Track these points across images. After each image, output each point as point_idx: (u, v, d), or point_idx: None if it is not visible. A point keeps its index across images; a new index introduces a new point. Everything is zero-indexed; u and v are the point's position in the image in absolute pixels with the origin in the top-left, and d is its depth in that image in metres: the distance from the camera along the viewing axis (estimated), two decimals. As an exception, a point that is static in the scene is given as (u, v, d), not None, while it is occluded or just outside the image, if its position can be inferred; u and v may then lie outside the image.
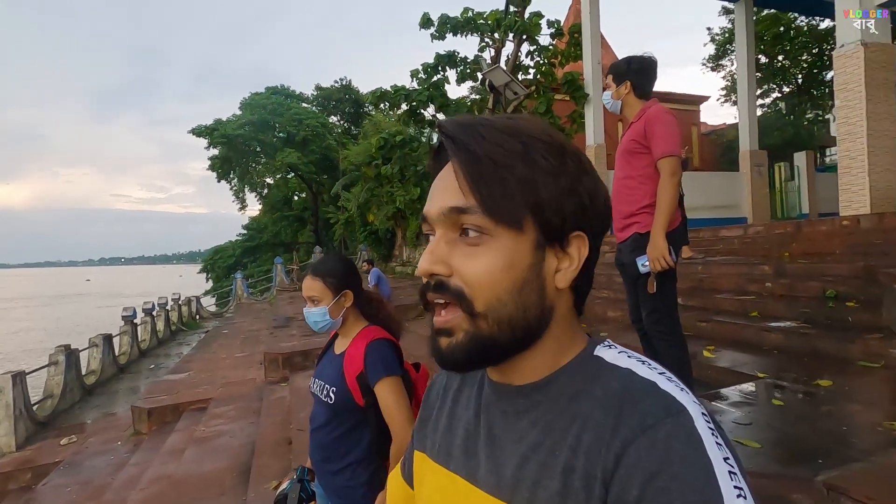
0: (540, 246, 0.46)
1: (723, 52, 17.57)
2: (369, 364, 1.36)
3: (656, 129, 2.11)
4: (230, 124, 25.61)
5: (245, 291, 18.74)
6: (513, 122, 0.48)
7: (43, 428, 6.33)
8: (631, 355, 0.47)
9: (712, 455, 0.38)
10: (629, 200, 2.22)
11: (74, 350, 7.51)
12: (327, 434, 1.41)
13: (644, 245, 2.11)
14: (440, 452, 0.55)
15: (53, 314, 33.91)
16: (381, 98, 10.44)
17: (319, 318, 1.43)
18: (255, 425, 4.45)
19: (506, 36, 9.82)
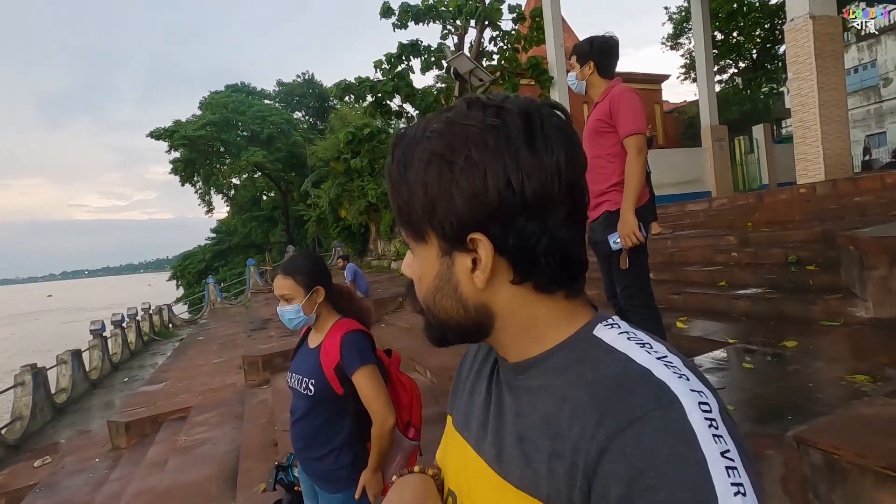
0: (446, 252, 0.47)
1: (680, 30, 17.91)
2: (345, 355, 1.41)
3: (621, 107, 2.14)
4: (190, 125, 24.78)
5: (218, 296, 18.32)
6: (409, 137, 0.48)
7: (14, 451, 6.09)
8: (631, 337, 0.45)
9: (706, 449, 0.36)
10: (598, 179, 2.25)
11: (41, 369, 7.22)
12: (308, 424, 1.46)
13: (615, 223, 2.15)
14: (460, 420, 0.58)
15: (15, 334, 32.44)
16: (346, 91, 10.28)
17: (294, 315, 1.46)
18: (238, 430, 4.39)
19: (468, 23, 9.78)
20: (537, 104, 0.47)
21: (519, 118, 0.44)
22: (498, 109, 0.45)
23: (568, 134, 0.46)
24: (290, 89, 31.64)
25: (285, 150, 26.28)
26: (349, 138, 12.12)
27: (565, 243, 0.46)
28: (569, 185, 0.45)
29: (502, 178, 0.43)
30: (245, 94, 27.82)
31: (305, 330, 1.59)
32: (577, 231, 0.47)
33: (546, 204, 0.44)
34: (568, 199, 0.45)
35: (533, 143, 0.44)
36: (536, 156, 0.44)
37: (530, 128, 0.44)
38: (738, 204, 5.74)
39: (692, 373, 0.42)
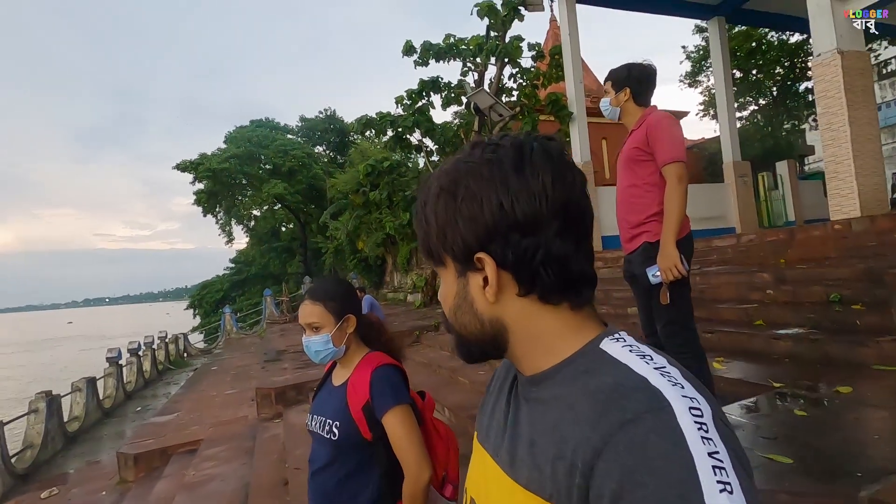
0: (461, 273, 0.54)
1: (699, 68, 18.09)
2: (376, 392, 1.24)
3: (659, 134, 2.04)
4: (215, 158, 25.54)
5: (234, 326, 18.35)
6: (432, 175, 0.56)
7: (23, 481, 5.98)
8: (634, 349, 0.49)
9: (694, 449, 0.38)
10: (635, 209, 2.15)
11: (56, 396, 7.18)
12: (331, 476, 1.26)
13: (654, 255, 2.02)
14: (482, 433, 0.62)
15: (34, 360, 32.81)
16: (367, 125, 10.48)
17: (322, 346, 1.30)
18: (248, 466, 4.22)
19: (488, 60, 9.97)
20: (531, 137, 0.53)
21: (511, 150, 0.51)
22: (495, 147, 0.53)
23: (556, 159, 0.52)
24: (313, 125, 32.57)
25: (305, 182, 26.81)
26: (368, 170, 12.29)
27: (562, 256, 0.50)
28: (558, 203, 0.50)
29: (495, 203, 0.50)
30: (269, 129, 28.70)
31: (330, 366, 1.43)
32: (576, 245, 0.51)
33: (536, 221, 0.49)
34: (559, 215, 0.50)
35: (521, 169, 0.50)
36: (523, 180, 0.50)
37: (520, 157, 0.51)
38: (769, 240, 5.54)
39: (689, 382, 0.45)
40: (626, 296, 5.24)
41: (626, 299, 5.17)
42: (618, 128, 12.56)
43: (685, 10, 10.63)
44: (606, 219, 9.97)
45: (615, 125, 11.80)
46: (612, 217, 9.01)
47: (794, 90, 17.01)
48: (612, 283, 6.11)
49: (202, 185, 26.04)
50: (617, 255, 8.08)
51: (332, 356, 1.32)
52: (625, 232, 2.22)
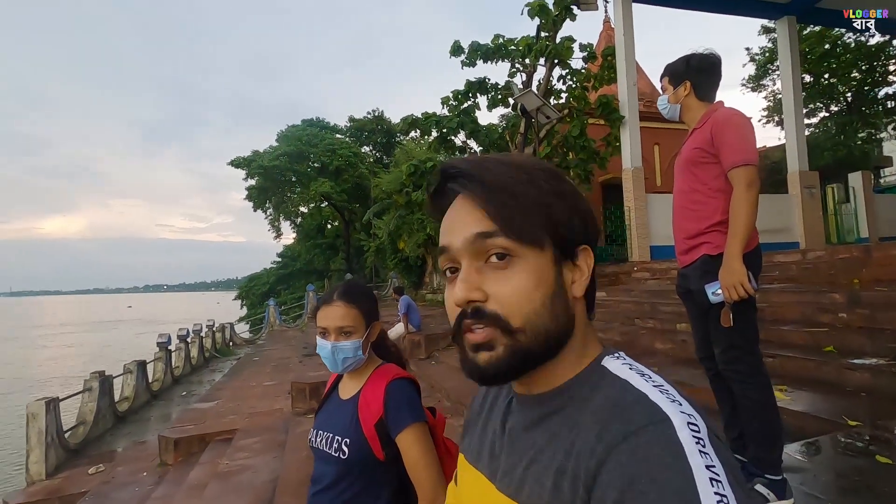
0: (557, 261, 0.51)
1: (764, 71, 17.05)
2: (391, 408, 1.14)
3: (727, 133, 1.80)
4: (267, 155, 26.47)
5: (278, 318, 18.89)
6: (507, 157, 0.54)
7: (74, 455, 6.31)
8: (633, 367, 0.50)
9: (693, 462, 0.39)
10: (694, 217, 1.91)
11: (108, 376, 7.56)
12: (338, 496, 1.16)
13: (715, 269, 1.80)
14: (473, 453, 0.62)
15: (94, 340, 35.10)
16: (412, 125, 10.48)
17: (352, 353, 1.19)
18: (279, 460, 4.24)
19: (537, 60, 9.75)
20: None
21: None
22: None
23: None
24: (361, 125, 33.20)
25: (351, 181, 27.33)
26: (412, 171, 12.28)
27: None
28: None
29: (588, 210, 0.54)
30: (318, 128, 29.45)
31: (334, 378, 1.33)
32: None
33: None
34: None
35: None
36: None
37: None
38: (840, 257, 5.07)
39: (685, 400, 0.46)
40: (675, 310, 4.92)
41: (674, 314, 4.85)
42: (671, 133, 12.13)
43: (752, 10, 10.01)
44: (656, 227, 9.52)
45: (669, 130, 11.39)
46: (662, 226, 8.58)
47: (872, 96, 15.70)
48: (659, 297, 5.77)
49: (254, 181, 27.06)
50: (666, 265, 7.67)
51: (355, 365, 1.22)
52: (681, 242, 1.99)
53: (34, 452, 5.75)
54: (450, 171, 0.54)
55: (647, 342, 4.39)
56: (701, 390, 2.93)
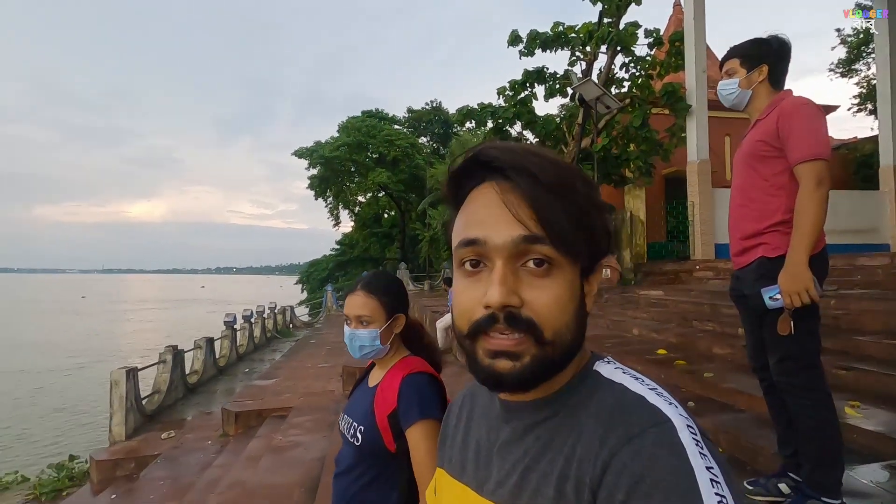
0: (583, 274, 0.50)
1: (856, 55, 15.47)
2: (403, 402, 1.15)
3: (795, 124, 1.65)
4: (328, 146, 27.37)
5: (335, 303, 19.62)
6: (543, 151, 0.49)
7: (149, 420, 6.91)
8: (626, 371, 0.50)
9: (695, 463, 0.40)
10: (751, 216, 1.78)
11: (180, 351, 8.19)
12: (353, 481, 1.20)
13: (773, 272, 1.66)
14: (455, 467, 0.60)
15: (170, 317, 38.09)
16: (468, 116, 10.44)
17: (368, 342, 1.23)
18: (328, 440, 4.44)
19: (598, 48, 9.39)
20: None
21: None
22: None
23: None
24: (418, 116, 33.54)
25: (408, 172, 27.73)
26: (467, 163, 12.28)
27: None
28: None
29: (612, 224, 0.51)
30: (377, 119, 30.06)
31: (371, 364, 1.37)
32: None
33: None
34: None
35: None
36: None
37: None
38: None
39: (679, 404, 0.46)
40: (737, 313, 4.63)
41: (737, 317, 4.54)
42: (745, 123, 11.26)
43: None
44: (723, 224, 8.95)
45: (742, 120, 10.64)
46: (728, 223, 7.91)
47: None
48: (721, 298, 5.44)
49: (315, 170, 28.10)
50: (731, 265, 7.22)
51: (374, 354, 1.26)
52: (736, 243, 1.85)
53: (116, 415, 6.36)
54: (485, 157, 0.49)
55: (704, 346, 4.16)
56: (763, 400, 2.75)
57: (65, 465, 6.00)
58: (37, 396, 12.37)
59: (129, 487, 4.93)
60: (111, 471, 5.45)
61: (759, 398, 2.75)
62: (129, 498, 4.65)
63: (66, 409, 11.16)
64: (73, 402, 11.71)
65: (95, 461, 5.46)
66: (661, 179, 12.15)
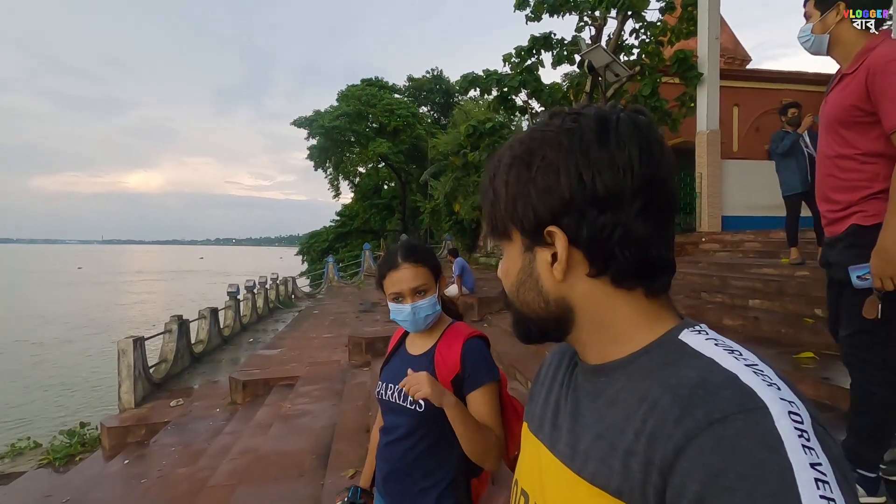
0: (528, 248, 0.51)
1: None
2: (470, 366, 1.17)
3: (888, 81, 1.38)
4: (327, 115, 26.88)
5: (336, 275, 19.66)
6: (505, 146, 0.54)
7: (157, 389, 6.99)
8: (719, 342, 0.45)
9: (794, 458, 0.35)
10: (842, 186, 1.58)
11: (186, 321, 8.22)
12: (411, 448, 1.20)
13: (864, 243, 1.46)
14: (535, 422, 0.60)
15: (169, 288, 38.24)
16: (472, 83, 10.17)
17: (431, 310, 1.22)
18: (336, 408, 4.49)
19: (608, 12, 9.08)
20: (617, 108, 0.49)
21: (594, 120, 0.48)
22: (576, 115, 0.49)
23: (644, 131, 0.48)
24: (419, 84, 32.81)
25: (409, 142, 27.33)
26: (469, 131, 12.06)
27: (641, 238, 0.47)
28: (643, 180, 0.46)
29: (574, 174, 0.47)
30: (377, 88, 29.41)
31: (400, 334, 1.35)
32: (657, 228, 0.48)
33: (618, 197, 0.46)
34: (642, 193, 0.46)
35: (605, 140, 0.46)
36: (607, 152, 0.46)
37: (605, 128, 0.47)
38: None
39: (785, 383, 0.41)
40: (748, 285, 4.61)
41: (746, 289, 4.55)
42: (754, 93, 11.09)
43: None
44: (731, 196, 8.88)
45: (752, 90, 10.39)
46: (737, 195, 7.97)
47: None
48: (730, 270, 5.43)
49: (315, 141, 27.69)
50: (739, 237, 7.17)
51: (434, 319, 1.25)
52: (826, 213, 1.66)
53: (125, 384, 6.43)
54: None
55: (714, 318, 4.16)
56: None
57: (76, 431, 6.09)
58: (39, 367, 12.51)
59: (140, 453, 5.02)
60: (122, 437, 5.54)
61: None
62: (141, 463, 4.74)
63: (70, 380, 11.30)
64: (76, 372, 11.85)
65: (106, 428, 5.55)
66: (668, 150, 11.98)
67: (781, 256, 5.20)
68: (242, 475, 3.42)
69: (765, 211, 8.40)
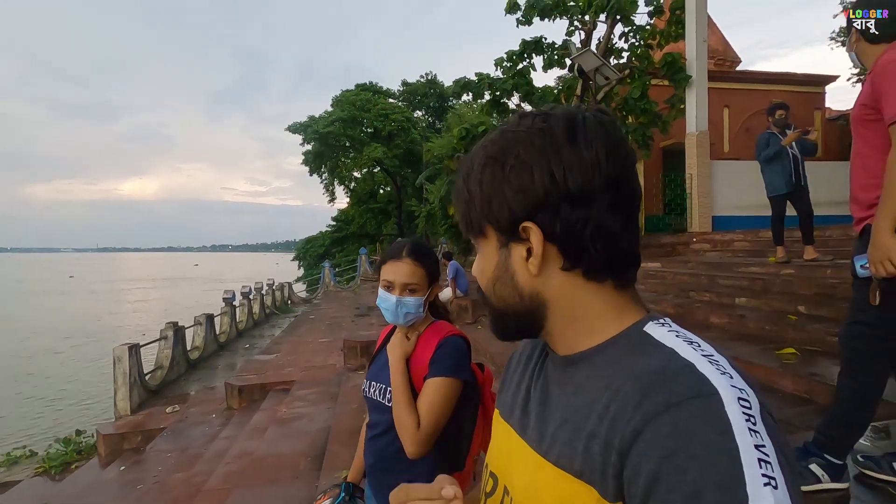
0: (503, 245, 0.53)
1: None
2: (437, 358, 1.19)
3: (885, 80, 1.53)
4: (322, 121, 26.92)
5: (332, 279, 19.67)
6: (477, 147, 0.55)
7: (153, 396, 7.00)
8: (679, 334, 0.48)
9: (740, 439, 0.37)
10: (864, 185, 1.66)
11: (181, 327, 8.23)
12: (391, 443, 1.23)
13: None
14: (506, 409, 0.63)
15: (164, 296, 37.99)
16: (465, 88, 10.28)
17: (414, 309, 1.24)
18: (331, 411, 4.53)
19: (597, 17, 9.20)
20: (583, 109, 0.52)
21: (563, 120, 0.50)
22: (545, 116, 0.51)
23: (610, 132, 0.50)
24: (413, 89, 32.92)
25: (404, 147, 27.39)
26: (463, 135, 12.13)
27: (611, 233, 0.49)
28: (609, 178, 0.49)
29: (546, 172, 0.49)
30: (372, 93, 29.49)
31: (386, 332, 1.40)
32: (625, 222, 0.50)
33: (588, 194, 0.48)
34: (610, 190, 0.49)
35: (574, 140, 0.49)
36: (577, 151, 0.49)
37: (573, 127, 0.49)
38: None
39: (737, 373, 0.43)
40: (735, 284, 4.69)
41: (733, 287, 4.62)
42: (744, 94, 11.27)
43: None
44: (721, 197, 8.98)
45: (741, 91, 10.56)
46: (728, 195, 8.08)
47: None
48: (718, 269, 5.51)
49: (310, 146, 27.72)
50: (729, 237, 7.26)
51: (414, 320, 1.28)
52: (854, 212, 1.75)
53: (120, 391, 6.44)
54: None
55: (701, 316, 4.23)
56: (759, 368, 2.82)
57: (72, 439, 6.10)
58: (30, 378, 12.41)
59: (136, 459, 5.03)
60: (118, 444, 5.55)
61: (757, 365, 2.82)
62: (137, 469, 4.75)
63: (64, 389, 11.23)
64: (69, 382, 11.78)
65: (102, 435, 5.55)
66: (659, 152, 12.08)
67: (769, 255, 5.29)
68: (238, 478, 3.46)
69: (755, 210, 8.49)
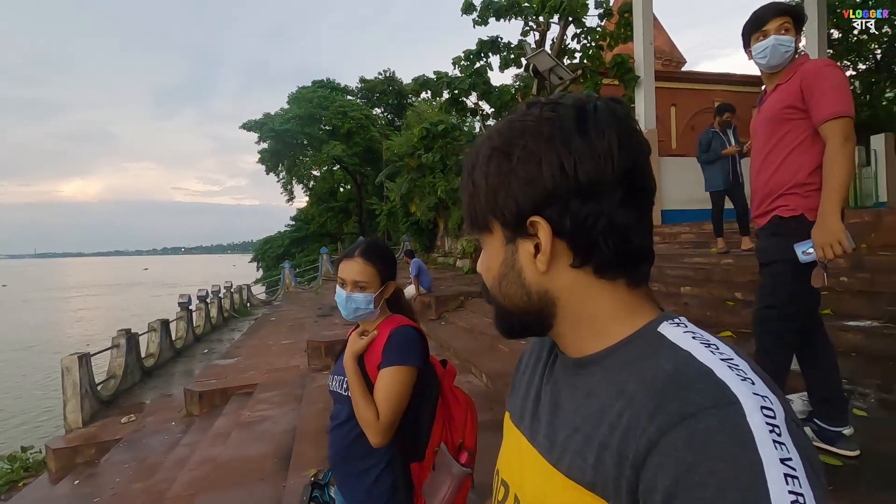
0: (510, 240, 0.50)
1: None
2: (388, 347, 1.26)
3: (820, 84, 1.70)
4: (278, 118, 26.30)
5: (293, 280, 19.29)
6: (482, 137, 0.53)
7: (106, 406, 6.72)
8: (696, 336, 0.44)
9: (764, 453, 0.34)
10: (775, 179, 1.83)
11: (134, 334, 7.92)
12: (349, 432, 1.31)
13: (784, 230, 1.76)
14: (516, 414, 0.60)
15: (111, 303, 36.09)
16: (424, 86, 10.36)
17: (363, 305, 1.32)
18: (296, 412, 4.52)
19: (550, 18, 9.47)
20: (593, 97, 0.49)
21: (573, 109, 0.47)
22: (554, 105, 0.48)
23: (622, 120, 0.47)
24: (372, 86, 32.65)
25: (363, 144, 27.16)
26: (423, 133, 12.21)
27: (623, 227, 0.47)
28: (623, 169, 0.46)
29: (556, 164, 0.46)
30: (329, 90, 29.04)
31: (355, 327, 1.47)
32: (638, 217, 0.48)
33: (600, 187, 0.46)
34: (623, 182, 0.46)
35: (585, 130, 0.46)
36: (588, 141, 0.46)
37: (583, 117, 0.47)
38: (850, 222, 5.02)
39: (759, 378, 0.40)
40: (682, 274, 5.00)
41: (680, 277, 4.93)
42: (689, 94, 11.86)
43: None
44: (669, 192, 9.44)
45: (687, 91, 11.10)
46: (675, 190, 8.54)
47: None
48: (667, 260, 5.83)
49: (266, 144, 27.02)
50: (677, 230, 7.67)
51: (365, 316, 1.35)
52: (757, 205, 1.92)
53: (70, 403, 6.15)
54: None
55: (650, 305, 4.49)
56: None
57: (17, 456, 5.79)
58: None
59: (91, 473, 4.85)
60: (70, 458, 5.32)
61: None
62: (92, 483, 4.59)
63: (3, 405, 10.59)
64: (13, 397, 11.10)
65: (52, 449, 5.31)
66: (612, 149, 12.56)
67: (711, 247, 5.65)
68: (202, 484, 3.42)
69: (701, 204, 8.95)
